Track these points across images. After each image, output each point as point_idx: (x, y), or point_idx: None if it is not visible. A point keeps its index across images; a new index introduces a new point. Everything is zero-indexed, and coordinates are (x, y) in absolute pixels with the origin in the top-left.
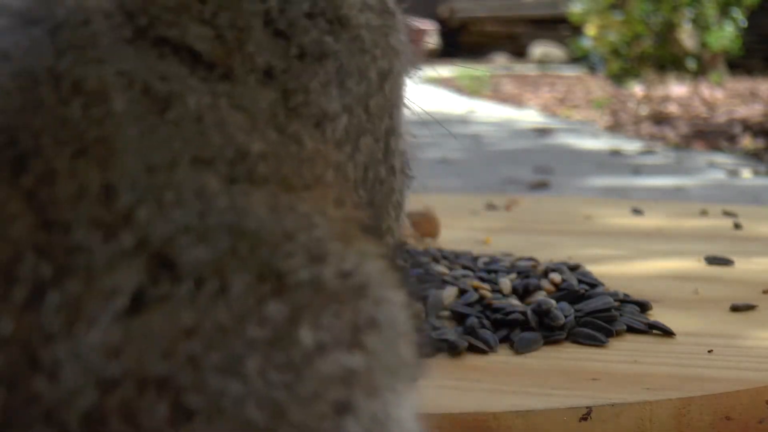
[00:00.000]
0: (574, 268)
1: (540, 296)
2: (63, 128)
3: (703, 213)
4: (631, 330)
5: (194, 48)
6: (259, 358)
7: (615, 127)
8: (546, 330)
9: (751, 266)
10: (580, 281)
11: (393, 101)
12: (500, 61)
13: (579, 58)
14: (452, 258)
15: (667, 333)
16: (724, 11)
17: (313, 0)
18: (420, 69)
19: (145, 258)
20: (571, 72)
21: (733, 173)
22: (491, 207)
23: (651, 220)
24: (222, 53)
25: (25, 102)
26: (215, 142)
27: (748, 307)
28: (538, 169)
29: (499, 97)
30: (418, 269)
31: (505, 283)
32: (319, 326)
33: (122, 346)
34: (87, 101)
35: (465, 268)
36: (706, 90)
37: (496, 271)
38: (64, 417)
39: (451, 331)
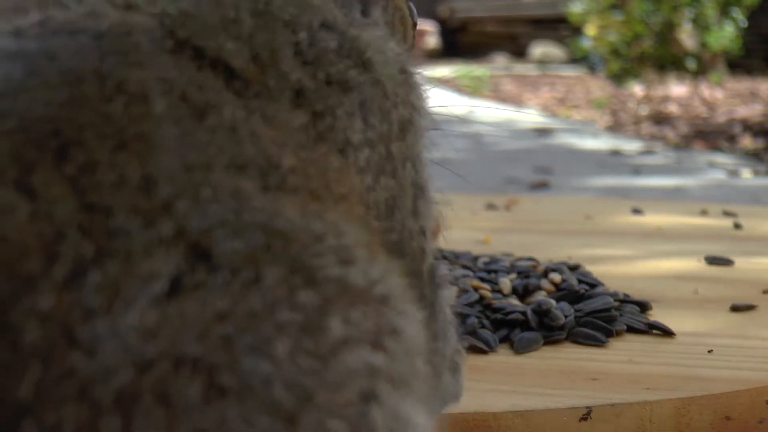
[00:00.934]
0: (574, 268)
1: (540, 296)
2: (105, 123)
3: (703, 213)
4: (631, 330)
5: (230, 64)
6: (289, 341)
7: (615, 127)
8: (546, 330)
9: (751, 266)
10: (580, 281)
11: (415, 154)
12: (500, 61)
13: (579, 58)
14: (452, 258)
15: (667, 333)
16: (724, 11)
17: (341, 40)
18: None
19: (183, 247)
20: (571, 72)
21: (733, 173)
22: (491, 207)
23: (651, 220)
24: (256, 71)
25: (70, 97)
26: (248, 151)
27: (748, 307)
28: (538, 169)
29: (499, 97)
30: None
31: (505, 283)
32: (348, 320)
33: (159, 327)
34: (129, 101)
35: (465, 268)
36: (706, 90)
37: (496, 271)
38: (98, 394)
39: None
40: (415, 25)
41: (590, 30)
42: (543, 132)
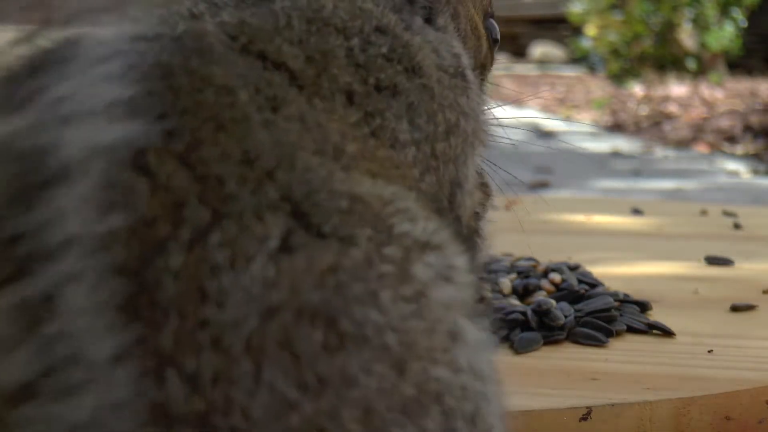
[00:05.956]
0: (574, 268)
1: (540, 296)
2: (201, 110)
3: (703, 213)
4: (631, 330)
5: (289, 65)
6: (390, 290)
7: (615, 127)
8: (546, 330)
9: (751, 266)
10: (580, 281)
11: (459, 155)
12: (500, 61)
13: (579, 58)
14: None
15: (667, 333)
16: (724, 11)
17: (391, 46)
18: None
19: (289, 209)
20: (571, 72)
21: (733, 173)
22: (491, 207)
23: (651, 220)
24: (311, 72)
25: (166, 87)
26: (318, 138)
27: (748, 307)
28: (538, 169)
29: (499, 97)
30: None
31: (505, 283)
32: (427, 264)
33: (278, 279)
34: (217, 91)
35: None
36: (706, 90)
37: (496, 271)
38: (230, 342)
39: None
40: (495, 41)
41: (590, 30)
42: (543, 132)
